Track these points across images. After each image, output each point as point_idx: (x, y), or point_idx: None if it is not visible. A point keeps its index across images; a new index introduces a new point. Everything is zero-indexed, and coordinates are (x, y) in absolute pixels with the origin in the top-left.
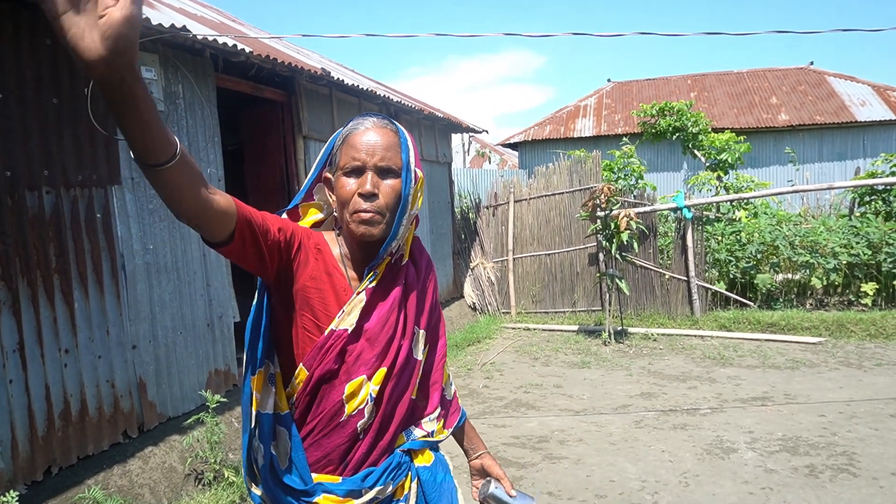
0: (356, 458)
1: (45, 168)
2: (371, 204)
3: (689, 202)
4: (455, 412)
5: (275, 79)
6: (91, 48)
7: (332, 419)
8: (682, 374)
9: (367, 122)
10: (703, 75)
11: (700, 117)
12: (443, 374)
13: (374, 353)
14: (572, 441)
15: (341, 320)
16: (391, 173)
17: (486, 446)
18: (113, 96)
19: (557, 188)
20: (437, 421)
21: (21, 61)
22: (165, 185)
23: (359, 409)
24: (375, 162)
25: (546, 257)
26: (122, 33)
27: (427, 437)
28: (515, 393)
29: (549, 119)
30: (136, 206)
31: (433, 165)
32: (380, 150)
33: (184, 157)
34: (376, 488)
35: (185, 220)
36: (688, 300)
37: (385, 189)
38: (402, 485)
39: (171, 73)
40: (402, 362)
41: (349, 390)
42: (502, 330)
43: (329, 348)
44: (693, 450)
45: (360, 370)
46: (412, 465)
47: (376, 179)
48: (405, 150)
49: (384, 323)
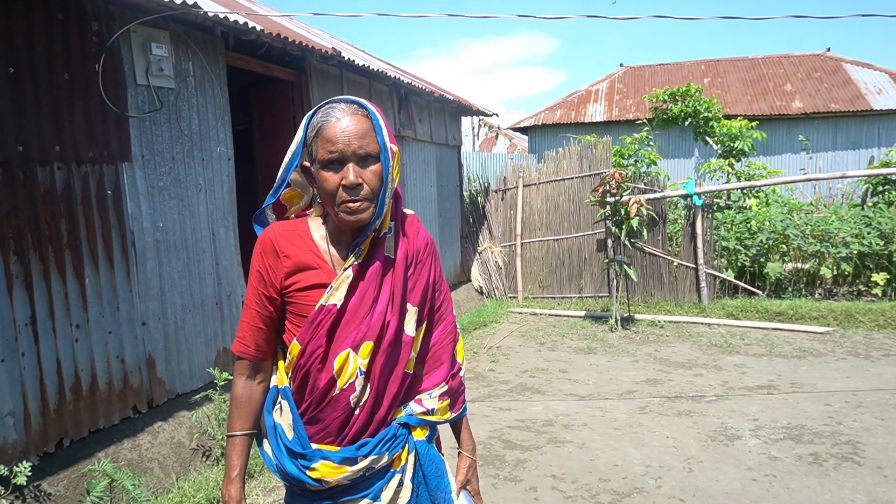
0: (353, 430)
1: (57, 144)
2: (357, 194)
3: (700, 189)
4: (462, 402)
5: (285, 58)
6: None
7: (326, 394)
8: (688, 362)
9: (336, 112)
10: (717, 61)
11: (712, 103)
12: (451, 354)
13: (355, 327)
14: (577, 425)
15: (329, 296)
16: (370, 159)
17: (472, 446)
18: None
19: (567, 173)
20: (440, 400)
21: (33, 36)
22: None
23: (350, 383)
24: (354, 150)
25: (554, 242)
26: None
27: (426, 414)
28: (521, 377)
29: (560, 103)
30: (147, 183)
31: (443, 148)
32: (356, 139)
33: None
34: (371, 457)
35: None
36: (696, 288)
37: (368, 176)
38: (399, 456)
39: (182, 50)
40: (390, 337)
41: (338, 364)
42: (509, 314)
43: (320, 323)
44: (697, 436)
45: (345, 343)
46: (409, 437)
47: (358, 169)
48: (379, 132)
49: (363, 295)
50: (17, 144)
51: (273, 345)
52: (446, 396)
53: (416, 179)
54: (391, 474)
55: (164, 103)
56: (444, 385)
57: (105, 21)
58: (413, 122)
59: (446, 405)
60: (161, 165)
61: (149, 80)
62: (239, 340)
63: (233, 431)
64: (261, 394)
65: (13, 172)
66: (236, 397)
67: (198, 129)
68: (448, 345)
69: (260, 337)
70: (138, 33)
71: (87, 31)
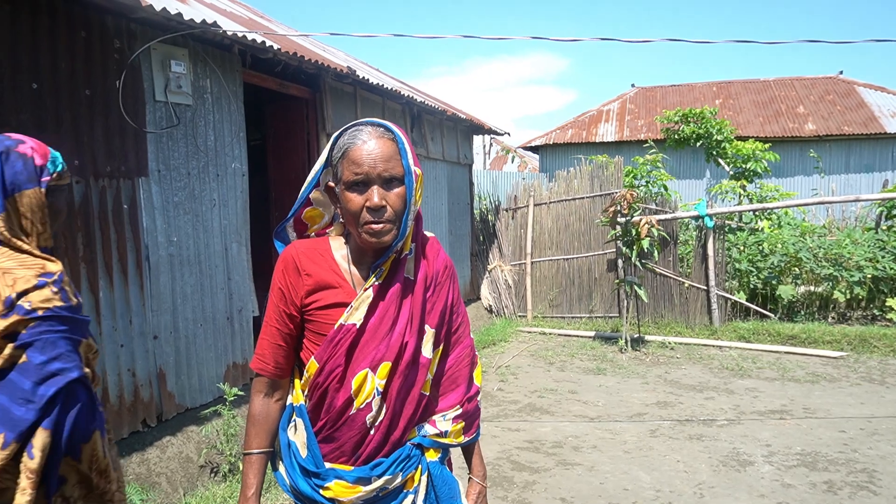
0: (368, 450)
1: (76, 158)
2: (381, 216)
3: (711, 211)
4: (476, 426)
5: (301, 76)
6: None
7: (343, 413)
8: (699, 384)
9: (363, 134)
10: (729, 83)
11: (725, 125)
12: (468, 377)
13: (374, 348)
14: (586, 448)
15: (349, 315)
16: (395, 181)
17: (483, 473)
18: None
19: (578, 193)
20: (454, 422)
21: (56, 53)
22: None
23: (366, 403)
24: (379, 173)
25: (564, 262)
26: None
27: (439, 436)
28: (530, 397)
29: (572, 123)
30: (162, 198)
31: (454, 166)
32: (381, 162)
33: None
34: (384, 477)
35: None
36: (707, 310)
37: (392, 199)
38: (413, 476)
39: (200, 67)
40: (408, 358)
41: (356, 384)
42: (518, 333)
43: (339, 342)
44: (709, 461)
45: (363, 363)
46: (423, 458)
47: (383, 192)
48: (404, 155)
49: (383, 316)
50: None
51: (291, 362)
52: (461, 419)
53: (427, 197)
54: (404, 495)
55: (181, 119)
56: (459, 408)
57: (126, 39)
58: (425, 140)
59: (460, 428)
60: (177, 181)
61: (167, 97)
62: (258, 357)
63: (249, 449)
64: (278, 411)
65: None
66: (254, 415)
67: (213, 146)
68: (465, 367)
69: (279, 354)
70: (158, 51)
71: (108, 48)
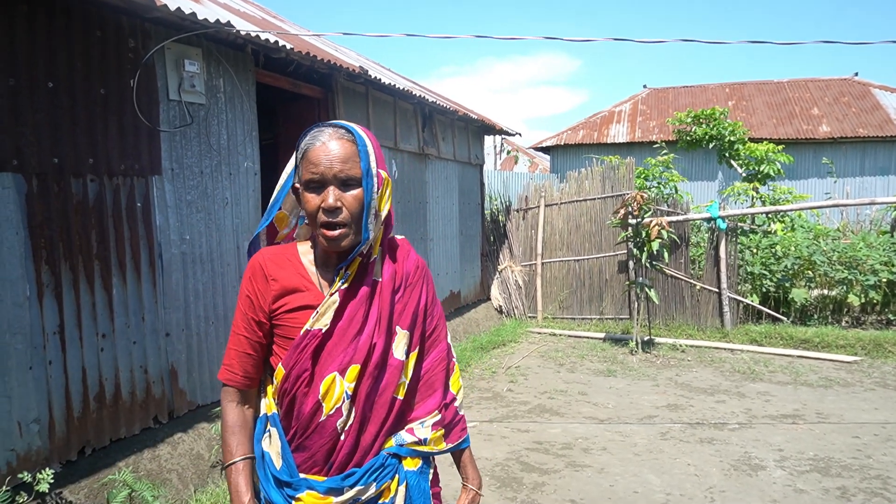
0: (340, 458)
1: (91, 156)
2: (335, 218)
3: (724, 213)
4: (461, 431)
5: (313, 76)
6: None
7: (312, 419)
8: (710, 388)
9: (323, 135)
10: (742, 84)
11: (737, 126)
12: (444, 382)
13: (341, 351)
14: (596, 449)
15: (315, 321)
16: (353, 183)
17: (478, 481)
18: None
19: (589, 194)
20: (433, 429)
21: (72, 51)
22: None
23: (336, 408)
24: (335, 173)
25: (575, 263)
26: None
27: (418, 443)
28: (540, 398)
29: (583, 124)
30: (175, 196)
31: (465, 167)
32: (338, 163)
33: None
34: (357, 487)
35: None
36: (718, 312)
37: (348, 200)
38: (389, 487)
39: (214, 67)
40: (377, 360)
41: (324, 388)
42: (528, 334)
43: (304, 347)
44: (720, 465)
45: (331, 367)
46: (400, 467)
47: (338, 192)
48: (364, 156)
49: (351, 319)
50: (52, 156)
51: (260, 372)
52: (440, 426)
53: (438, 197)
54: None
55: (194, 118)
56: (438, 413)
57: (141, 38)
58: (436, 140)
59: (440, 435)
60: (190, 179)
61: (181, 96)
62: (226, 368)
63: (234, 458)
64: (252, 419)
65: (48, 183)
66: (231, 425)
67: (226, 145)
68: (441, 372)
69: (248, 363)
70: (172, 50)
71: (123, 47)
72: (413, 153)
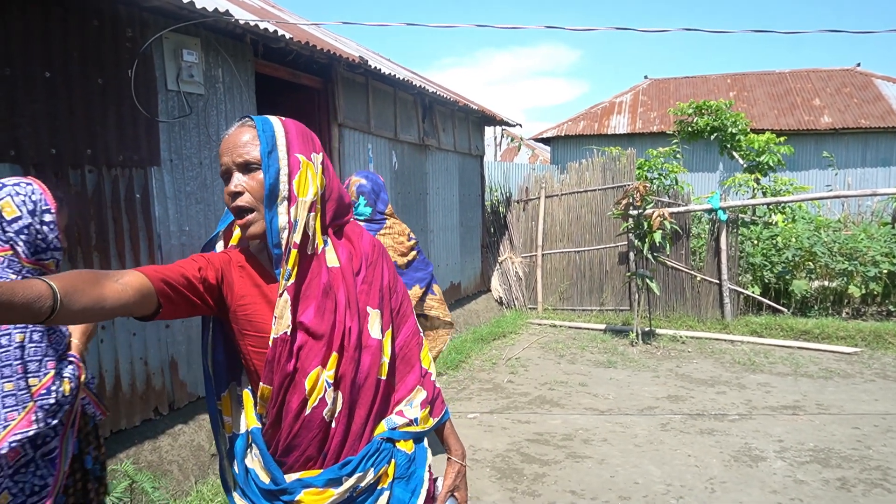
0: (333, 447)
1: (89, 147)
2: (237, 202)
3: (725, 204)
4: (441, 404)
5: (312, 66)
6: None
7: (298, 416)
8: (710, 379)
9: (231, 129)
10: (744, 74)
11: (739, 117)
12: (419, 356)
13: (320, 344)
14: (597, 441)
15: (278, 326)
16: (254, 166)
17: (461, 451)
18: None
19: (590, 185)
20: (422, 408)
21: (69, 41)
22: (66, 322)
23: (319, 398)
24: (233, 159)
25: (575, 254)
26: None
27: (409, 425)
28: (540, 389)
29: (583, 115)
30: (174, 187)
31: (465, 158)
32: (236, 149)
33: (67, 301)
34: (355, 475)
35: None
36: (719, 304)
37: (249, 184)
38: (386, 471)
39: (212, 56)
40: (354, 342)
41: (309, 385)
42: (528, 325)
43: (278, 357)
44: (720, 456)
45: (314, 363)
46: (395, 451)
47: (240, 177)
48: (263, 139)
49: (321, 312)
50: (50, 147)
51: (170, 292)
52: (427, 404)
53: (438, 188)
54: (379, 492)
55: (193, 109)
56: (422, 391)
57: (139, 27)
58: (437, 131)
59: (427, 413)
60: (189, 170)
61: (179, 86)
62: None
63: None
64: (106, 289)
65: (46, 174)
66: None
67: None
68: (415, 347)
69: (167, 281)
70: (170, 40)
71: (121, 37)
72: (413, 144)
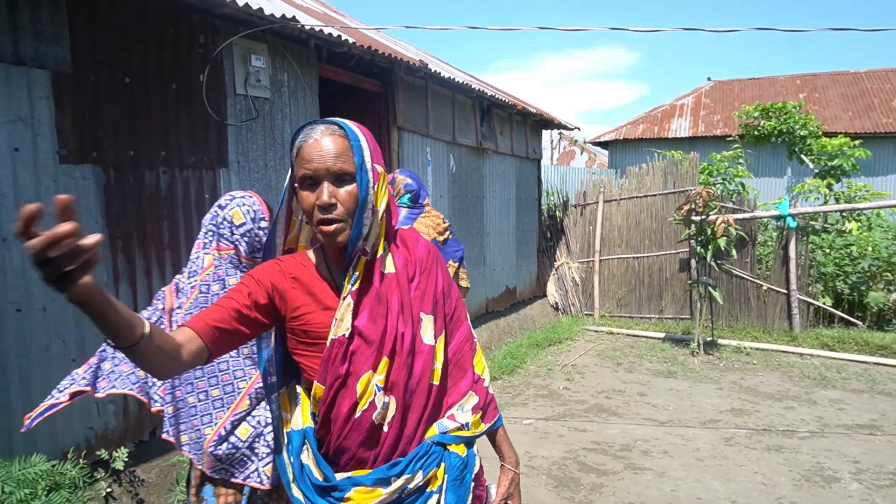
0: (384, 450)
1: (163, 149)
2: (330, 214)
3: (794, 210)
4: (494, 410)
5: (373, 70)
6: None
7: (349, 419)
8: (777, 393)
9: (315, 132)
10: (815, 75)
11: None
12: (472, 361)
13: (371, 349)
14: (657, 452)
15: (337, 328)
16: (346, 178)
17: (515, 459)
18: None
19: (650, 189)
20: (473, 413)
21: (148, 48)
22: (139, 358)
23: (369, 402)
24: (328, 168)
25: (634, 260)
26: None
27: (461, 429)
28: (597, 397)
29: (643, 118)
30: (241, 188)
31: (522, 161)
32: (330, 158)
33: (149, 341)
34: (404, 476)
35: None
36: (787, 314)
37: (342, 196)
38: (436, 474)
39: (279, 61)
40: (407, 348)
41: (360, 389)
42: (584, 332)
43: (333, 357)
44: (790, 474)
45: (365, 367)
46: (445, 454)
47: (332, 188)
48: (357, 151)
49: (374, 317)
50: (128, 149)
51: (226, 342)
52: (478, 409)
53: (495, 192)
54: (428, 495)
55: (259, 112)
56: (474, 396)
57: (211, 34)
58: (494, 134)
59: (479, 418)
60: (254, 172)
61: (247, 90)
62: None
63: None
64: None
65: (124, 175)
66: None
67: (290, 138)
68: (468, 353)
69: (218, 315)
70: (240, 46)
71: (194, 44)
72: (471, 147)
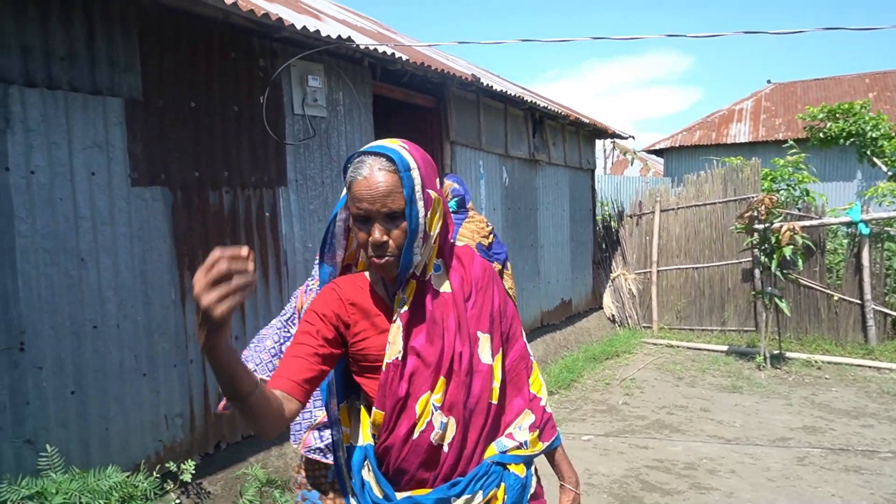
0: (444, 470)
1: (226, 169)
2: (384, 251)
3: (867, 216)
4: (552, 429)
5: (426, 85)
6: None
7: (407, 440)
8: (853, 409)
9: (364, 168)
10: (885, 73)
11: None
12: (528, 379)
13: (429, 370)
14: (723, 472)
15: (390, 351)
16: (397, 216)
17: (575, 479)
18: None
19: (709, 198)
20: (531, 431)
21: (211, 73)
22: (246, 409)
23: (427, 423)
24: (378, 209)
25: (693, 271)
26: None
27: (519, 448)
28: (658, 413)
29: (699, 124)
30: (300, 206)
31: (576, 172)
32: (380, 199)
33: (262, 391)
34: (464, 496)
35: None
36: (861, 326)
37: (395, 234)
38: (495, 495)
39: (334, 81)
40: (465, 367)
41: (419, 409)
42: (643, 345)
43: (390, 381)
44: (872, 498)
45: (423, 388)
46: (505, 474)
47: (384, 227)
48: (407, 183)
49: (430, 338)
50: (194, 170)
51: (312, 383)
52: (536, 427)
53: (548, 203)
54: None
55: (316, 131)
56: (530, 414)
57: (270, 57)
58: (547, 145)
59: (536, 436)
60: (312, 189)
61: (304, 110)
62: (274, 377)
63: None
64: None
65: (190, 195)
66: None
67: (345, 155)
68: (522, 371)
69: (299, 367)
70: (297, 67)
71: (254, 67)
72: (523, 159)
